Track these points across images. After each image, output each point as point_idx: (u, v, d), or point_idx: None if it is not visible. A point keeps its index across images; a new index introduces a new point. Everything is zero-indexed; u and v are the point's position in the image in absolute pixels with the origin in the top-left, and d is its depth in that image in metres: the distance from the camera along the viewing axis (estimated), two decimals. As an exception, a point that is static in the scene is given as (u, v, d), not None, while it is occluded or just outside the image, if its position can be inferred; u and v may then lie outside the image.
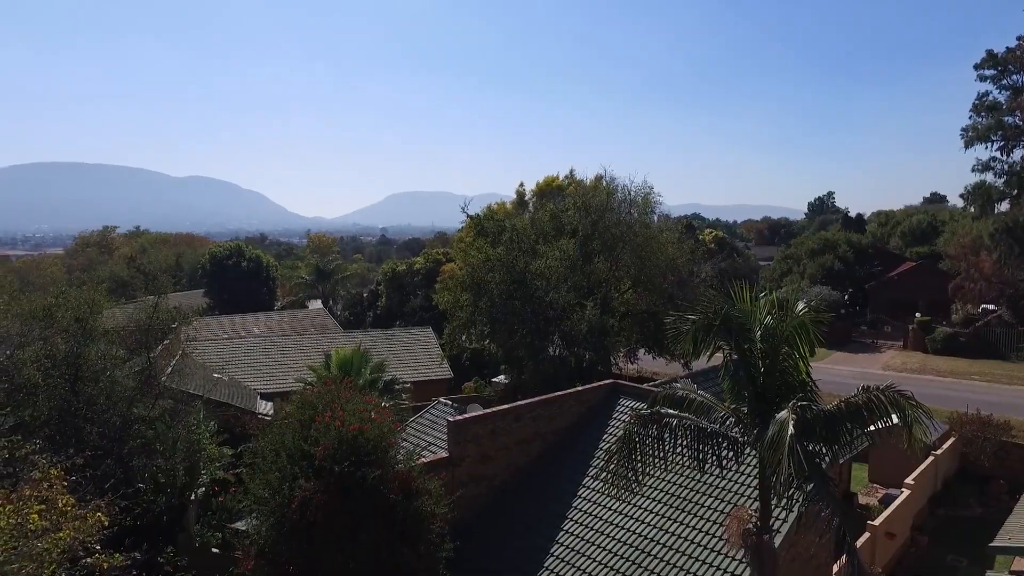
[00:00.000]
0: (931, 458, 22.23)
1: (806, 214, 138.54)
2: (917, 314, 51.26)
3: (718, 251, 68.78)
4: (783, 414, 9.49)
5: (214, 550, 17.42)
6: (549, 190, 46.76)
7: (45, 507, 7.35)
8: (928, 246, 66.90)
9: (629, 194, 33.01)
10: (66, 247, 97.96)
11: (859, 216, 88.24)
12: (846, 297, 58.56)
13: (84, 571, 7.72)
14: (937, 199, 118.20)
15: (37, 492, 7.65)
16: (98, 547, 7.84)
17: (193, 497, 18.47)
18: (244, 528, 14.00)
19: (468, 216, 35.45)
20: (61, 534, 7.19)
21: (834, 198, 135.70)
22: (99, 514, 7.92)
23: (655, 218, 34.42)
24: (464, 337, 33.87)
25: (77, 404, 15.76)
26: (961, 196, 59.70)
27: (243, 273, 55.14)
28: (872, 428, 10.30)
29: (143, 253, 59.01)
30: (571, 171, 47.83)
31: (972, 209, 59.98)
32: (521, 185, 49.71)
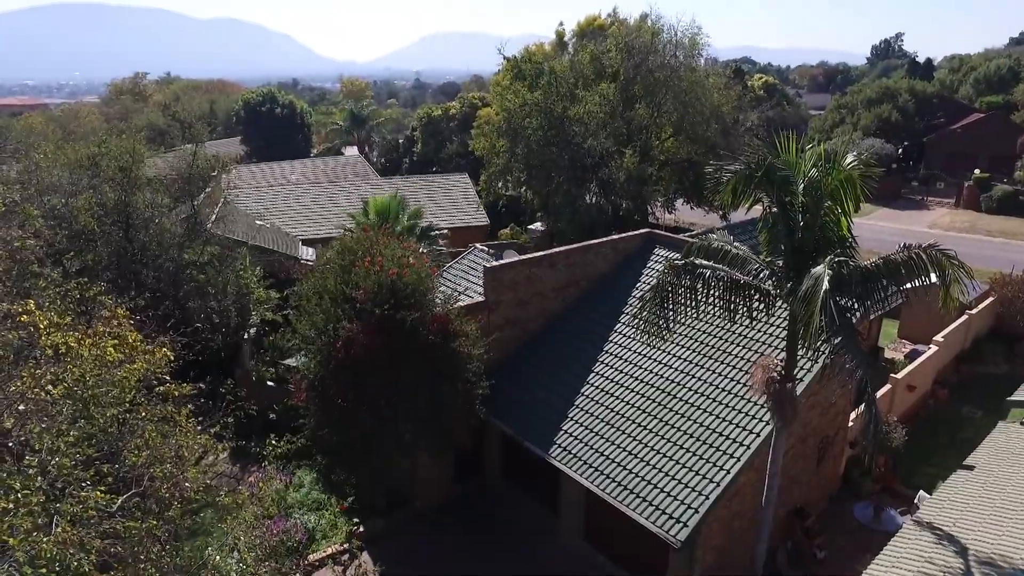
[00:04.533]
0: (964, 317, 22.19)
1: (868, 59, 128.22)
2: (976, 170, 48.58)
3: (767, 98, 65.02)
4: (819, 269, 9.49)
5: (269, 383, 18.93)
6: (590, 30, 43.92)
7: (118, 342, 8.10)
8: (1003, 95, 61.18)
9: (675, 35, 30.91)
10: (100, 95, 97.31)
11: (928, 61, 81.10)
12: (900, 151, 55.51)
13: (158, 397, 8.61)
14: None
15: (109, 328, 8.40)
16: (167, 378, 8.69)
17: (246, 336, 19.77)
18: (295, 364, 15.12)
19: (505, 58, 33.85)
20: (135, 365, 7.98)
21: (902, 41, 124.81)
22: (165, 349, 8.69)
23: (702, 62, 32.38)
24: (500, 184, 33.72)
25: (132, 250, 16.59)
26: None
27: (278, 120, 54.60)
28: (908, 286, 10.27)
29: (176, 101, 58.41)
30: (614, 9, 44.60)
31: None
32: (561, 25, 46.75)
